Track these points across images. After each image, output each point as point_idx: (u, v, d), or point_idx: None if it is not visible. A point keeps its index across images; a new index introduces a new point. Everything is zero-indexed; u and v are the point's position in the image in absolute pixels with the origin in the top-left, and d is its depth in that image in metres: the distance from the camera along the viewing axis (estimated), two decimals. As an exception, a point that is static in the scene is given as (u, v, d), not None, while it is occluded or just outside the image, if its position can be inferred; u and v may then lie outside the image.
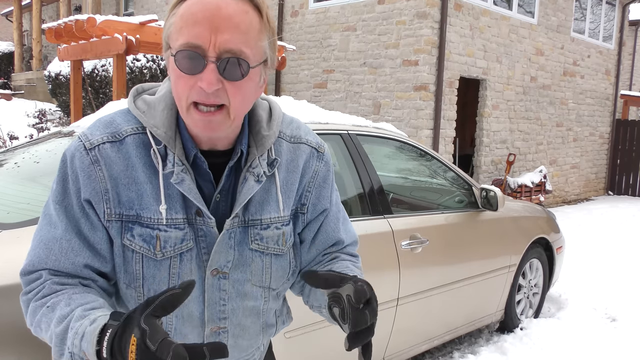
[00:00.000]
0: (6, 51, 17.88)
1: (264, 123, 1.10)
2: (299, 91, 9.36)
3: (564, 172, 11.09)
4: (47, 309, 0.97)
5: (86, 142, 1.02)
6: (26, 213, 1.88)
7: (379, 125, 3.15)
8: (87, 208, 1.02)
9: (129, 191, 1.02)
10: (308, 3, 9.26)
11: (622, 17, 12.19)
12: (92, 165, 1.01)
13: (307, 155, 1.16)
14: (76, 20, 6.12)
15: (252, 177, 1.07)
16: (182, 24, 0.95)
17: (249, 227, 1.09)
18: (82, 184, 1.01)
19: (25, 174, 2.44)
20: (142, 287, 1.04)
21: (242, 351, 1.18)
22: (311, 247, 1.21)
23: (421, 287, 2.95)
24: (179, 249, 1.04)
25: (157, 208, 1.02)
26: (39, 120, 9.24)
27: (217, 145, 1.06)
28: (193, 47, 0.93)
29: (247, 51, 0.96)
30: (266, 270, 1.12)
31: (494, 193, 3.33)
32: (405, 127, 7.87)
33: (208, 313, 1.09)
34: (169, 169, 1.02)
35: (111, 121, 1.05)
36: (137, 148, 1.03)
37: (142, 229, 1.02)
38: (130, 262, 1.04)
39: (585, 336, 3.83)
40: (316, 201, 1.19)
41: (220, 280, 1.08)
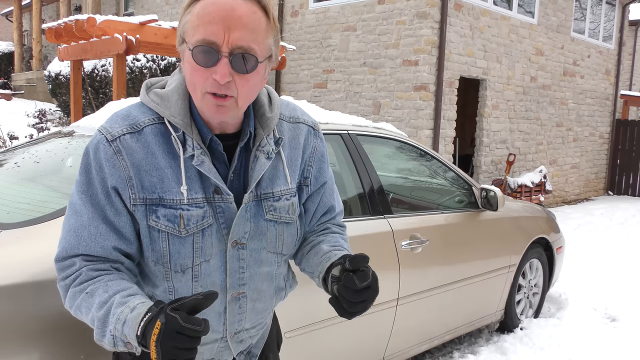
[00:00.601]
0: (6, 51, 17.87)
1: (266, 107, 1.24)
2: (299, 91, 9.36)
3: (564, 172, 11.09)
4: (87, 295, 1.09)
5: (107, 134, 1.13)
6: (26, 213, 1.88)
7: (379, 125, 3.14)
8: (112, 195, 1.12)
9: (151, 177, 1.13)
10: (308, 3, 9.26)
11: (622, 17, 12.18)
12: (116, 155, 1.12)
13: (305, 133, 1.32)
14: (76, 20, 6.12)
15: (262, 155, 1.20)
16: (199, 22, 1.07)
17: (262, 201, 1.23)
18: (107, 173, 1.12)
19: (25, 174, 2.44)
20: (170, 262, 1.16)
21: (259, 314, 1.32)
22: (313, 215, 1.37)
23: (421, 287, 2.95)
24: (201, 225, 1.16)
25: (179, 190, 1.14)
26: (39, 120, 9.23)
27: (226, 129, 1.18)
28: (209, 43, 1.06)
29: (256, 47, 1.08)
30: (279, 238, 1.26)
31: (494, 193, 3.33)
32: (405, 127, 7.87)
33: (229, 281, 1.22)
34: (189, 152, 1.14)
35: (128, 114, 1.17)
36: (155, 137, 1.14)
37: (165, 210, 1.14)
38: (157, 241, 1.15)
39: (585, 336, 3.83)
40: (317, 174, 1.35)
41: (239, 251, 1.21)
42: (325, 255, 1.27)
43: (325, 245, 1.31)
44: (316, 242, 1.34)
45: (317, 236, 1.37)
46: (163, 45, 6.23)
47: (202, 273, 1.19)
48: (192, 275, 1.18)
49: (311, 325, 2.36)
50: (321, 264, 1.26)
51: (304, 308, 2.31)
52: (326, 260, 1.25)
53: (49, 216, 1.80)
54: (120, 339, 1.02)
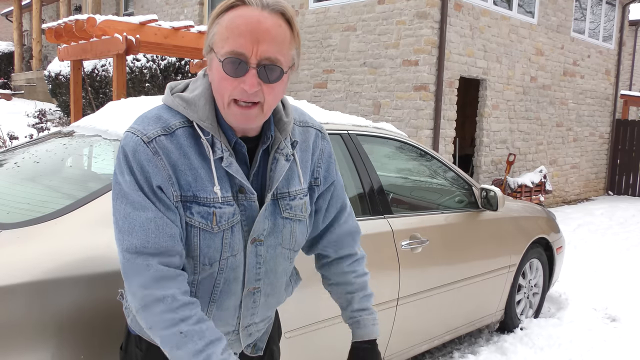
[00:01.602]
0: (6, 51, 17.88)
1: (282, 112, 1.31)
2: (299, 91, 9.36)
3: (564, 172, 11.09)
4: (181, 335, 1.14)
5: (143, 136, 1.18)
6: (26, 213, 1.88)
7: (379, 125, 3.14)
8: (159, 193, 1.18)
9: (186, 175, 1.20)
10: (308, 3, 9.26)
11: (622, 17, 12.18)
12: (155, 156, 1.17)
13: (314, 137, 1.40)
14: (76, 20, 6.12)
15: (282, 157, 1.28)
16: (228, 34, 1.13)
17: (279, 200, 1.30)
18: (150, 173, 1.17)
19: (25, 174, 2.44)
20: (199, 256, 1.23)
21: (270, 309, 1.41)
22: (327, 212, 1.46)
23: (421, 287, 2.95)
24: (231, 222, 1.23)
25: (212, 189, 1.21)
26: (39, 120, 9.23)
27: (248, 133, 1.25)
28: (238, 55, 1.12)
29: (281, 58, 1.15)
30: (293, 235, 1.34)
31: (494, 193, 3.33)
32: (405, 127, 7.87)
33: (248, 276, 1.30)
34: (219, 154, 1.21)
35: (159, 116, 1.22)
36: (187, 139, 1.21)
37: (199, 207, 1.20)
38: (190, 236, 1.22)
39: (585, 336, 3.83)
40: (326, 174, 1.43)
41: (257, 247, 1.29)
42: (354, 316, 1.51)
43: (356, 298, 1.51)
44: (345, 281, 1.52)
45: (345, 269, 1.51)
46: (163, 45, 6.23)
47: (227, 266, 1.26)
48: (219, 268, 1.25)
49: (311, 325, 2.36)
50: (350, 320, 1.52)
51: (304, 308, 2.31)
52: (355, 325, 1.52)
53: (49, 216, 1.80)
54: None
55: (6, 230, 1.74)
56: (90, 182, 2.29)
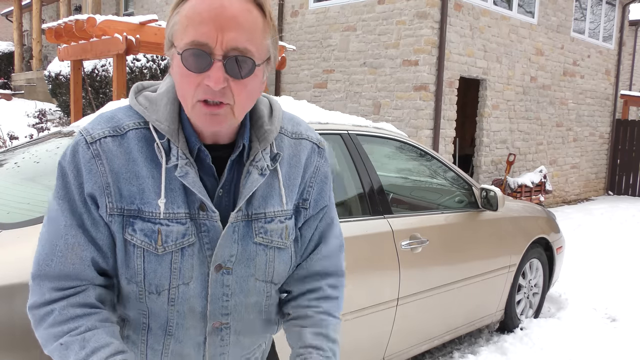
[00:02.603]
0: (6, 51, 17.88)
1: (265, 118, 1.11)
2: (299, 91, 9.36)
3: (564, 172, 11.09)
4: (61, 347, 0.99)
5: (87, 136, 1.03)
6: (26, 213, 1.88)
7: (379, 125, 3.14)
8: (89, 203, 1.02)
9: (131, 185, 1.02)
10: (308, 3, 9.26)
11: (622, 17, 12.18)
12: (94, 159, 1.01)
13: (308, 151, 1.18)
14: (76, 20, 6.12)
15: (255, 171, 1.08)
16: (188, 23, 0.96)
17: (253, 221, 1.10)
18: (84, 178, 1.01)
19: (25, 174, 2.44)
20: (143, 281, 1.05)
21: (244, 349, 1.19)
22: (309, 243, 1.21)
23: (421, 287, 2.95)
24: (181, 243, 1.04)
25: (157, 202, 1.02)
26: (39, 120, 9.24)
27: (219, 139, 1.07)
28: (200, 45, 0.95)
29: (253, 49, 0.97)
30: (269, 264, 1.12)
31: (494, 193, 3.33)
32: (405, 127, 7.87)
33: (211, 308, 1.10)
34: (173, 162, 1.02)
35: (112, 116, 1.06)
36: (139, 142, 1.04)
37: (143, 223, 1.03)
38: (132, 256, 1.04)
39: (585, 336, 3.83)
40: (318, 197, 1.20)
41: (224, 276, 1.09)
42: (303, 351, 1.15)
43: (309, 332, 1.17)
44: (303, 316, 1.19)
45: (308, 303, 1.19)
46: (163, 45, 6.21)
47: (179, 297, 1.07)
48: (169, 298, 1.07)
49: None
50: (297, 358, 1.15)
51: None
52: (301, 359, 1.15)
53: (49, 216, 1.80)
54: None
55: (6, 230, 1.74)
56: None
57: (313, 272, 1.22)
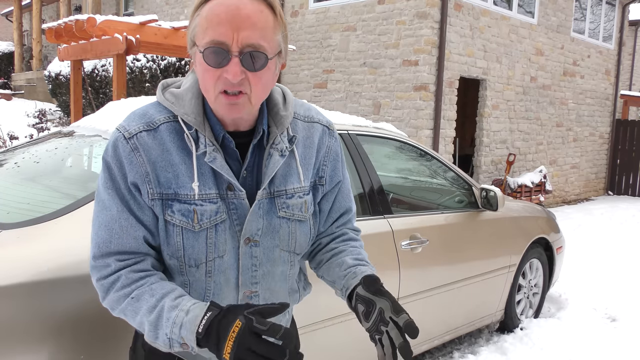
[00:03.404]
0: (6, 51, 17.88)
1: (280, 105, 1.26)
2: (299, 91, 9.36)
3: (564, 172, 11.09)
4: (132, 300, 1.13)
5: (125, 132, 1.17)
6: (26, 213, 1.88)
7: (379, 125, 3.14)
8: (134, 190, 1.16)
9: (167, 172, 1.16)
10: (308, 3, 9.26)
11: (622, 17, 12.18)
12: (133, 152, 1.15)
13: (320, 133, 1.33)
14: (76, 20, 6.12)
15: (276, 153, 1.22)
16: (207, 24, 1.10)
17: (275, 198, 1.24)
18: (127, 170, 1.15)
19: (25, 174, 2.44)
20: (183, 257, 1.19)
21: None
22: (329, 215, 1.39)
23: (421, 287, 2.95)
24: (214, 220, 1.18)
25: (191, 185, 1.16)
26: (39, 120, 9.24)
27: (240, 126, 1.21)
28: (218, 44, 1.08)
29: (265, 45, 1.10)
30: (292, 236, 1.27)
31: (494, 193, 3.33)
32: (405, 127, 7.87)
33: (242, 278, 1.23)
34: (202, 149, 1.17)
35: (145, 112, 1.20)
36: (170, 134, 1.18)
37: (180, 204, 1.17)
38: (172, 235, 1.18)
39: (585, 336, 3.83)
40: (332, 174, 1.36)
41: (252, 248, 1.22)
42: (350, 270, 1.28)
43: (349, 258, 1.32)
44: (337, 251, 1.35)
45: (337, 244, 1.37)
46: (163, 45, 6.23)
47: (215, 269, 1.21)
48: (206, 270, 1.20)
49: (311, 325, 2.36)
50: (346, 278, 1.27)
51: (304, 308, 2.31)
52: (352, 276, 1.26)
53: (49, 216, 1.80)
54: (176, 340, 1.08)
55: (6, 230, 1.74)
56: (90, 182, 2.29)
57: (337, 235, 1.40)
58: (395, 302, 1.18)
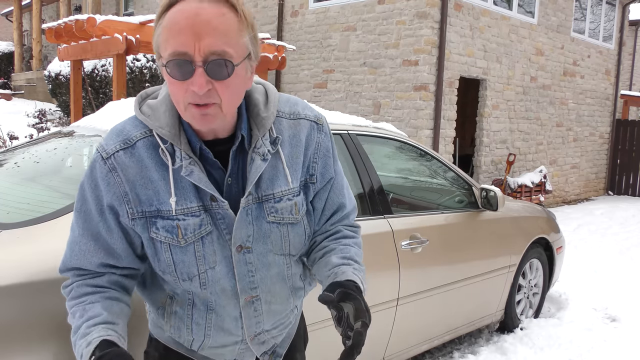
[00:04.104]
0: (6, 51, 17.88)
1: (261, 106, 1.20)
2: (299, 91, 9.36)
3: (564, 172, 11.09)
4: (70, 315, 1.17)
5: (102, 152, 1.15)
6: (26, 213, 1.88)
7: (379, 125, 3.14)
8: (107, 213, 1.15)
9: (147, 190, 1.14)
10: (308, 3, 9.26)
11: (622, 17, 12.18)
12: (110, 173, 1.13)
13: (308, 129, 1.26)
14: (76, 20, 6.12)
15: (258, 157, 1.17)
16: (168, 35, 1.04)
17: (263, 202, 1.20)
18: (103, 191, 1.14)
19: (25, 174, 2.44)
20: (175, 271, 1.18)
21: (277, 315, 1.31)
22: (322, 213, 1.33)
23: (421, 287, 2.95)
24: (199, 233, 1.16)
25: (169, 201, 1.14)
26: (39, 120, 9.23)
27: (218, 134, 1.16)
28: (180, 55, 1.02)
29: (230, 50, 1.04)
30: (284, 239, 1.24)
31: (494, 193, 3.33)
32: (405, 127, 7.87)
33: (240, 285, 1.22)
34: (178, 163, 1.12)
35: (122, 129, 1.17)
36: (147, 150, 1.14)
37: (163, 221, 1.15)
38: (160, 251, 1.17)
39: (585, 336, 3.83)
40: (323, 170, 1.29)
41: (246, 255, 1.20)
42: (333, 270, 1.23)
43: (335, 257, 1.26)
44: (328, 249, 1.30)
45: (329, 242, 1.32)
46: (163, 45, 6.22)
47: (209, 280, 1.19)
48: (200, 282, 1.19)
49: (311, 325, 2.36)
50: (328, 279, 1.22)
51: (304, 308, 2.31)
52: (333, 277, 1.21)
53: (49, 216, 1.80)
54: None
55: (6, 230, 1.74)
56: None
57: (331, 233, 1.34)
58: (358, 308, 1.10)
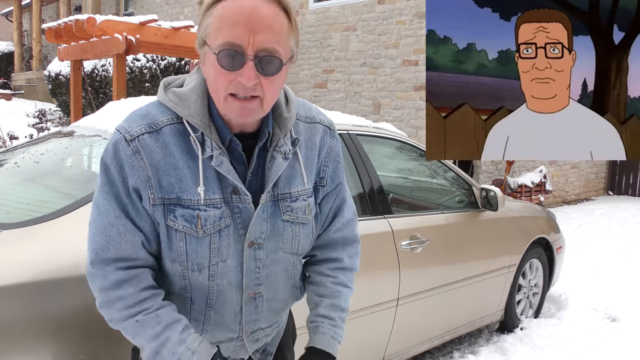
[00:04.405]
0: (6, 51, 17.88)
1: (283, 106, 1.23)
2: (299, 91, 9.36)
3: (564, 172, 11.09)
4: (136, 323, 1.14)
5: (126, 134, 1.13)
6: (26, 213, 1.88)
7: (379, 125, 3.14)
8: (134, 196, 1.13)
9: (169, 176, 1.13)
10: (308, 3, 9.26)
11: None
12: (134, 155, 1.11)
13: (321, 133, 1.30)
14: (76, 20, 6.12)
15: (279, 155, 1.19)
16: (221, 25, 1.06)
17: (279, 201, 1.22)
18: (128, 173, 1.12)
19: (25, 174, 2.44)
20: (186, 261, 1.17)
21: (276, 314, 1.34)
22: (327, 217, 1.36)
23: (421, 287, 2.95)
24: (218, 225, 1.16)
25: (196, 190, 1.13)
26: (39, 120, 9.23)
27: (245, 128, 1.18)
28: (234, 46, 1.05)
29: (280, 49, 1.08)
30: (295, 238, 1.26)
31: (494, 193, 3.33)
32: (405, 127, 7.88)
33: (246, 280, 1.23)
34: (208, 153, 1.13)
35: (147, 113, 1.16)
36: (174, 137, 1.14)
37: (183, 210, 1.14)
38: (175, 240, 1.16)
39: (585, 336, 3.83)
40: (333, 174, 1.33)
41: (256, 251, 1.21)
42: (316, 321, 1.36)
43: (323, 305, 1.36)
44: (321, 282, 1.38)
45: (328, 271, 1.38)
46: (163, 45, 6.23)
47: (218, 272, 1.20)
48: (209, 274, 1.19)
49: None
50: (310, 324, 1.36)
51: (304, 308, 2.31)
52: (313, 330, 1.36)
53: (49, 216, 1.80)
54: None
55: (6, 230, 1.74)
56: (90, 182, 2.29)
57: (334, 240, 1.38)
58: None
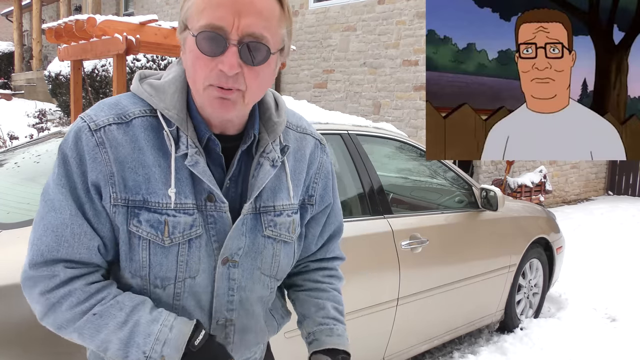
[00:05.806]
0: (6, 51, 17.88)
1: (273, 110, 1.10)
2: (299, 91, 9.36)
3: (564, 172, 11.09)
4: (94, 317, 0.97)
5: (91, 122, 0.98)
6: (26, 213, 1.88)
7: (379, 125, 3.15)
8: (93, 192, 0.98)
9: (136, 175, 0.98)
10: (308, 3, 9.27)
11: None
12: (98, 147, 0.97)
13: (312, 147, 1.18)
14: (76, 20, 6.12)
15: (267, 162, 1.06)
16: (205, 5, 0.93)
17: (261, 214, 1.08)
18: (88, 167, 0.97)
19: (25, 174, 2.44)
20: (148, 275, 1.01)
21: (248, 348, 1.17)
22: (319, 238, 1.25)
23: (421, 287, 2.95)
24: (188, 235, 1.01)
25: (166, 192, 0.99)
26: (39, 120, 9.24)
27: (227, 129, 1.05)
28: (215, 29, 0.93)
29: (268, 36, 0.95)
30: (275, 258, 1.11)
31: (494, 193, 3.33)
32: (405, 127, 7.88)
33: (216, 303, 1.07)
34: (183, 151, 0.99)
35: (117, 103, 1.02)
36: (145, 131, 1.00)
37: (149, 214, 0.99)
38: (137, 249, 1.00)
39: (585, 336, 3.83)
40: (323, 193, 1.21)
41: (230, 269, 1.06)
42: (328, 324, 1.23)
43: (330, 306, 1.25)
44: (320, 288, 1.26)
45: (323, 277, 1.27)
46: (163, 45, 6.23)
47: (185, 291, 1.04)
48: (174, 293, 1.03)
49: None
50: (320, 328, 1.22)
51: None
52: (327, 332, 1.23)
53: (49, 216, 1.80)
54: (154, 358, 0.96)
55: (6, 230, 1.74)
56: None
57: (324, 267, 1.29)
58: None
